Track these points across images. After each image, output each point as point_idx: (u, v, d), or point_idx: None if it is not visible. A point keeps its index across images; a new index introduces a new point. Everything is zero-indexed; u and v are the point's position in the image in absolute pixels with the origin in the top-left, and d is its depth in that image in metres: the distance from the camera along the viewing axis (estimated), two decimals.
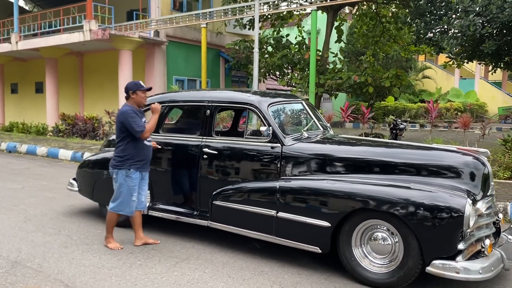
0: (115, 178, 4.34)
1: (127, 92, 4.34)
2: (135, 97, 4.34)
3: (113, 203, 4.38)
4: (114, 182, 4.37)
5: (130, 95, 4.33)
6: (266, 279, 3.69)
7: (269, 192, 4.01)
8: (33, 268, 3.85)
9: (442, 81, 29.42)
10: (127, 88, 4.36)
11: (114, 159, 4.34)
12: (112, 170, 4.36)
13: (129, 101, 4.36)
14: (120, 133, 4.29)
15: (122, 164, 4.28)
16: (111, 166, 4.36)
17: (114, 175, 4.35)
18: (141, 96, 4.36)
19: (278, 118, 4.47)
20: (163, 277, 3.70)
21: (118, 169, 4.31)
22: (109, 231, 4.43)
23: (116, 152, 4.34)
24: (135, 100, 4.34)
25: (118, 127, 4.30)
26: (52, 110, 16.69)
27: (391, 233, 3.52)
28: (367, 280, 3.55)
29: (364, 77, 13.98)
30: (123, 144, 4.29)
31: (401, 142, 4.34)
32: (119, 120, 4.27)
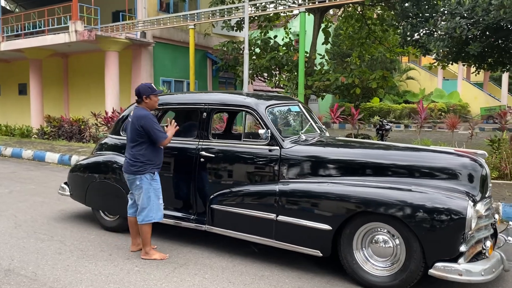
0: (139, 185, 4.13)
1: (140, 96, 4.20)
2: (148, 102, 4.21)
3: (142, 214, 4.15)
4: (137, 189, 4.16)
5: (144, 99, 4.19)
6: (267, 284, 3.65)
7: (269, 196, 3.97)
8: (28, 276, 3.75)
9: (425, 82, 29.85)
10: (140, 92, 4.20)
11: (133, 165, 4.13)
12: (134, 177, 4.14)
13: (141, 105, 4.23)
14: (139, 138, 4.12)
15: (145, 168, 4.13)
16: (132, 173, 4.14)
17: (138, 181, 4.13)
18: (154, 101, 4.25)
19: (276, 120, 4.45)
20: (162, 283, 3.64)
21: (141, 174, 4.12)
22: (147, 244, 4.20)
23: (134, 157, 4.13)
24: (148, 105, 4.22)
25: (137, 131, 4.11)
26: (36, 112, 16.40)
27: (392, 235, 3.52)
28: (369, 283, 3.54)
29: (351, 79, 14.07)
30: (141, 148, 4.13)
31: (400, 144, 4.35)
32: (139, 125, 4.08)
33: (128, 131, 4.25)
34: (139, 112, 4.18)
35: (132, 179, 4.17)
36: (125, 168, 4.23)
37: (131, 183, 4.19)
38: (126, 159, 4.23)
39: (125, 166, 4.23)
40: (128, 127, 4.27)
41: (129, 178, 4.20)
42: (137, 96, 4.24)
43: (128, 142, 4.23)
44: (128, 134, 4.23)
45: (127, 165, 4.19)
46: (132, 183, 4.19)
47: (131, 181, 4.18)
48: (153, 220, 4.16)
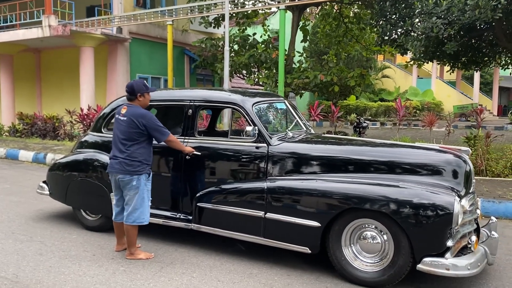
0: (135, 185, 3.95)
1: (133, 93, 4.02)
2: (142, 100, 4.06)
3: (133, 215, 3.98)
4: (132, 189, 3.96)
5: (138, 97, 4.03)
6: (257, 282, 3.64)
7: (257, 193, 3.95)
8: (8, 279, 3.61)
9: (400, 80, 30.42)
10: (135, 89, 4.02)
11: (130, 165, 3.93)
12: (131, 177, 3.94)
13: (133, 102, 4.06)
14: (138, 137, 3.96)
15: (143, 168, 3.98)
16: (128, 173, 3.93)
17: (135, 181, 3.94)
18: (147, 99, 4.14)
19: (263, 117, 4.42)
20: (150, 283, 3.57)
21: (139, 174, 3.96)
22: (133, 244, 4.07)
23: (131, 156, 3.94)
24: (141, 102, 4.07)
25: (138, 130, 3.93)
26: (7, 109, 15.89)
27: (380, 231, 3.55)
28: (357, 279, 3.57)
29: (329, 76, 14.18)
30: (139, 147, 3.97)
31: (386, 141, 4.40)
32: (142, 123, 3.92)
33: (120, 129, 4.01)
34: (137, 110, 4.00)
35: (128, 180, 3.95)
36: (118, 168, 3.97)
37: (126, 183, 3.96)
38: (119, 159, 3.97)
39: (118, 166, 3.97)
40: (119, 125, 4.04)
41: (124, 178, 3.96)
42: (129, 93, 4.06)
43: (121, 141, 3.99)
44: (121, 132, 4.00)
45: (122, 165, 3.94)
46: (127, 183, 3.96)
47: (126, 181, 3.95)
48: (144, 222, 4.04)
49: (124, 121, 3.98)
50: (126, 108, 4.06)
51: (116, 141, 4.04)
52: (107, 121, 5.00)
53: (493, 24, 10.62)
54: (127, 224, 4.02)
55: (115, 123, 4.13)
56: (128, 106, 4.07)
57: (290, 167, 4.03)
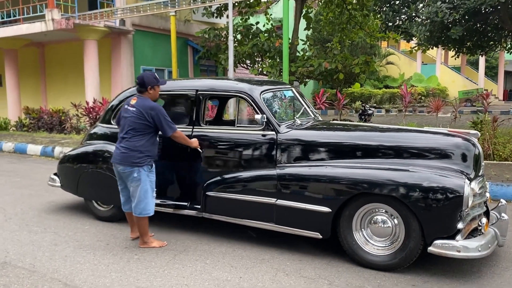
0: (136, 177, 3.94)
1: (144, 86, 4.02)
2: (152, 92, 4.07)
3: (139, 207, 4.00)
4: (134, 181, 3.96)
5: (148, 89, 4.03)
6: (269, 267, 3.69)
7: (267, 180, 3.99)
8: (26, 268, 3.69)
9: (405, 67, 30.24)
10: (145, 82, 4.01)
11: (131, 156, 3.92)
12: (132, 169, 3.93)
13: (144, 95, 4.05)
14: (145, 129, 3.95)
15: (144, 160, 3.96)
16: (129, 165, 3.93)
17: (136, 173, 3.94)
18: (157, 91, 4.14)
19: (271, 105, 4.44)
20: (164, 270, 3.64)
21: (140, 166, 3.94)
22: (145, 234, 4.12)
23: (133, 148, 3.93)
24: (152, 95, 4.07)
25: (146, 122, 3.93)
26: (13, 104, 15.97)
27: (390, 215, 3.59)
28: (369, 263, 3.61)
29: (334, 64, 14.14)
30: (143, 139, 3.96)
31: (395, 126, 4.41)
32: (151, 116, 3.92)
33: (126, 121, 4.02)
34: (146, 102, 3.99)
35: (129, 172, 3.96)
36: (119, 160, 3.99)
37: (127, 175, 3.98)
38: (120, 150, 4.00)
39: (119, 157, 3.99)
40: (125, 116, 4.05)
41: (125, 170, 3.97)
42: (140, 85, 4.06)
43: (125, 132, 4.00)
44: (127, 124, 4.00)
45: (123, 156, 3.96)
46: (128, 175, 3.97)
47: (127, 173, 3.97)
48: (150, 214, 4.06)
49: (133, 112, 3.97)
50: (136, 99, 4.06)
51: (122, 129, 4.06)
52: (115, 113, 5.02)
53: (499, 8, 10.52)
54: (136, 216, 4.07)
55: (122, 112, 4.14)
56: (138, 98, 4.07)
57: (299, 154, 4.05)
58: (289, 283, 3.40)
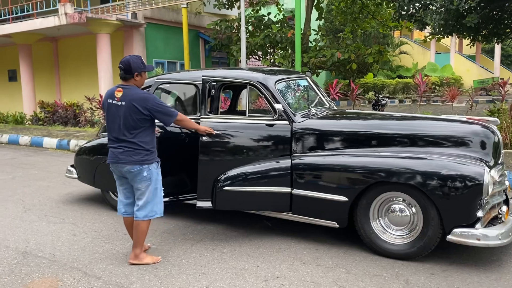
0: (146, 176, 3.49)
1: (130, 72, 3.46)
2: (139, 80, 3.53)
3: (144, 209, 3.54)
4: (143, 181, 3.50)
5: (135, 76, 3.49)
6: (286, 256, 3.69)
7: (283, 170, 3.96)
8: (46, 258, 3.74)
9: (418, 56, 29.83)
10: (132, 67, 3.46)
11: (138, 154, 3.46)
12: (141, 167, 3.46)
13: (129, 82, 3.50)
14: (143, 123, 3.46)
15: (152, 157, 3.55)
16: (137, 163, 3.46)
17: (145, 172, 3.48)
18: (144, 78, 3.63)
19: (285, 95, 4.41)
20: (182, 260, 3.66)
21: (149, 164, 3.51)
22: (140, 245, 3.58)
23: (137, 145, 3.47)
24: (138, 82, 3.54)
25: (141, 116, 3.43)
26: (28, 98, 16.17)
27: (408, 204, 3.56)
28: (387, 252, 3.59)
29: (347, 54, 14.02)
30: (145, 134, 3.50)
31: (412, 114, 4.36)
32: (145, 108, 3.42)
33: (118, 116, 3.46)
34: (136, 93, 3.46)
35: (137, 171, 3.47)
36: (123, 159, 3.48)
37: (135, 175, 3.49)
38: (123, 148, 3.48)
39: (123, 157, 3.48)
40: (116, 111, 3.48)
41: (132, 169, 3.47)
42: (125, 71, 3.48)
43: (123, 128, 3.46)
44: (121, 119, 3.45)
45: (128, 155, 3.46)
46: (136, 175, 3.49)
47: (136, 173, 3.48)
48: (156, 216, 3.60)
49: (122, 107, 3.44)
50: (121, 91, 3.48)
51: (116, 128, 3.50)
52: None
53: None
54: (139, 220, 3.56)
55: (108, 108, 3.55)
56: (123, 88, 3.49)
57: (315, 143, 4.03)
58: (307, 272, 3.40)
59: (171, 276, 3.38)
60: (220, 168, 4.11)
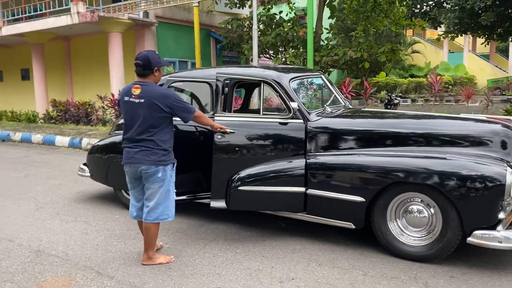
0: (160, 177, 3.39)
1: (149, 67, 3.36)
2: (157, 75, 3.45)
3: (155, 211, 3.43)
4: (156, 182, 3.40)
5: (154, 71, 3.40)
6: (301, 257, 3.63)
7: (297, 170, 3.89)
8: (59, 256, 3.72)
9: (431, 55, 29.50)
10: (151, 62, 3.35)
11: (155, 153, 3.36)
12: (156, 168, 3.36)
13: (148, 79, 3.40)
14: (163, 121, 3.38)
15: (169, 157, 3.45)
16: (153, 163, 3.35)
17: (160, 173, 3.38)
18: (161, 73, 3.57)
19: (300, 93, 4.34)
20: (195, 259, 3.62)
21: (164, 165, 3.40)
22: (152, 247, 3.52)
23: (155, 144, 3.37)
24: (157, 78, 3.46)
25: (162, 114, 3.35)
26: (41, 97, 16.27)
27: (426, 205, 3.47)
28: (404, 253, 3.51)
29: (359, 53, 13.88)
30: (163, 133, 3.40)
31: (429, 113, 4.26)
32: (167, 106, 3.33)
33: (136, 114, 3.37)
34: (156, 90, 3.38)
35: (153, 171, 3.37)
36: (139, 159, 3.37)
37: (150, 175, 3.39)
38: (140, 148, 3.38)
39: (139, 156, 3.37)
40: (134, 108, 3.38)
41: (148, 170, 3.36)
42: (144, 67, 3.37)
43: (140, 131, 3.37)
44: (139, 117, 3.35)
45: (145, 154, 3.36)
46: (151, 175, 3.39)
47: (151, 173, 3.38)
48: (169, 219, 3.50)
49: (142, 104, 3.34)
50: (139, 88, 3.38)
51: (134, 127, 3.39)
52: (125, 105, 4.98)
53: None
54: (148, 222, 3.48)
55: (125, 106, 3.45)
56: (141, 85, 3.39)
57: (330, 142, 3.96)
58: (322, 274, 3.33)
59: (184, 276, 3.34)
60: (234, 168, 4.05)
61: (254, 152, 4.13)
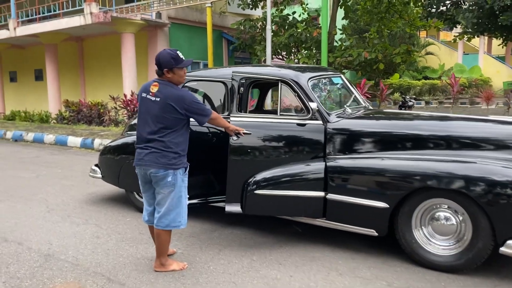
0: (170, 181, 3.23)
1: (160, 68, 3.26)
2: (171, 76, 3.26)
3: (167, 218, 3.28)
4: (166, 187, 3.25)
5: (165, 73, 3.26)
6: (320, 265, 3.45)
7: (317, 174, 3.71)
8: (69, 261, 3.60)
9: (445, 57, 29.05)
10: (161, 62, 3.23)
11: (165, 156, 3.20)
12: (166, 172, 3.21)
13: (164, 78, 3.30)
14: (177, 123, 3.24)
15: (181, 161, 3.27)
16: (163, 167, 3.21)
17: (170, 177, 3.22)
18: (179, 75, 3.29)
19: (319, 93, 4.17)
20: (209, 266, 3.46)
21: (175, 169, 3.23)
22: (164, 253, 3.39)
23: (166, 146, 3.22)
24: (172, 79, 3.28)
25: (177, 115, 3.21)
26: (54, 97, 16.31)
27: (454, 211, 3.27)
28: (430, 263, 3.31)
29: (374, 54, 13.66)
30: (176, 135, 3.26)
31: (455, 115, 4.07)
32: (183, 108, 3.20)
33: (150, 113, 3.25)
34: (173, 90, 3.25)
35: (162, 175, 3.22)
36: (149, 161, 3.24)
37: (160, 179, 3.24)
38: (149, 150, 3.24)
39: (148, 158, 3.24)
40: (149, 106, 3.27)
41: (157, 173, 3.22)
42: (157, 67, 3.28)
43: (152, 131, 3.24)
44: (152, 116, 3.24)
45: (155, 157, 3.22)
46: (161, 179, 3.24)
47: (160, 177, 3.23)
48: (181, 226, 3.35)
49: (157, 103, 3.23)
50: (157, 85, 3.27)
51: (146, 125, 3.27)
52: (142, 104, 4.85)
53: None
54: (159, 229, 3.34)
55: (142, 102, 3.35)
56: (160, 83, 3.28)
57: (351, 145, 3.78)
58: (344, 284, 3.15)
59: (198, 284, 3.18)
60: (250, 170, 3.89)
61: (270, 154, 3.97)
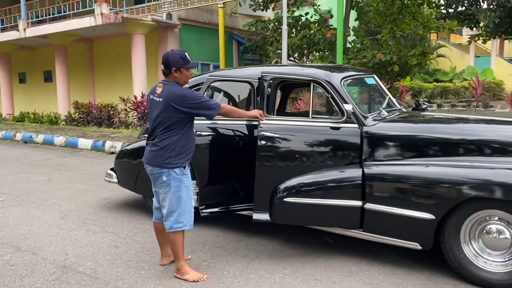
0: (166, 181, 3.20)
1: (168, 67, 3.24)
2: (178, 76, 3.24)
3: (170, 219, 3.23)
4: (163, 187, 3.23)
5: (173, 72, 3.23)
6: (360, 281, 3.18)
7: (353, 181, 3.45)
8: (87, 274, 3.35)
9: (456, 60, 28.67)
10: (169, 61, 3.22)
11: (160, 155, 3.20)
12: (160, 171, 3.20)
13: (168, 78, 3.28)
14: (177, 123, 3.20)
15: (176, 161, 3.21)
16: (157, 165, 3.21)
17: (165, 177, 3.20)
18: (186, 75, 3.29)
19: (353, 94, 3.91)
20: (239, 281, 3.20)
21: (170, 168, 3.20)
22: (180, 257, 3.27)
23: (161, 145, 3.21)
24: (178, 79, 3.26)
25: (178, 115, 3.18)
26: (63, 98, 16.16)
27: (507, 223, 2.99)
28: (482, 280, 3.02)
29: (389, 56, 13.37)
30: (176, 135, 3.21)
31: (501, 118, 3.78)
32: (185, 106, 3.16)
33: (154, 113, 3.26)
34: (173, 90, 3.21)
35: (157, 174, 3.23)
36: (147, 159, 3.29)
37: (156, 178, 3.27)
38: (150, 148, 3.30)
39: (148, 156, 3.29)
40: (154, 107, 3.28)
41: (152, 172, 3.26)
42: (164, 66, 3.26)
43: (154, 126, 3.27)
44: (155, 116, 3.25)
45: (152, 155, 3.25)
46: (156, 178, 3.26)
47: (156, 176, 3.25)
48: (184, 228, 3.25)
49: (160, 103, 3.22)
50: (161, 87, 3.28)
51: (151, 125, 3.32)
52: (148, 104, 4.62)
53: None
54: (168, 232, 3.30)
55: (150, 104, 3.37)
56: (164, 84, 3.28)
57: (391, 150, 3.51)
58: None
59: None
60: (279, 176, 3.65)
61: (301, 159, 3.71)
